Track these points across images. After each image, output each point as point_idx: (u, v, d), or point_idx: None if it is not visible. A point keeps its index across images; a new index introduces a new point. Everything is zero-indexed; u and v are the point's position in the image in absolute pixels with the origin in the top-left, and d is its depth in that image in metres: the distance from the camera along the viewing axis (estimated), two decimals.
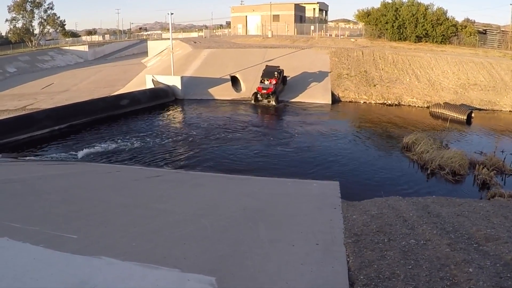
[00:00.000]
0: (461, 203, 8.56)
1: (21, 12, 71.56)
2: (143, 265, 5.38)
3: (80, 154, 16.07)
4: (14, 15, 71.62)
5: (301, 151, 16.87)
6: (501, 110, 26.54)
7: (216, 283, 4.98)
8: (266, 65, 29.11)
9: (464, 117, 23.38)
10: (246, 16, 71.78)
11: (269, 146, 17.56)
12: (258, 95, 26.96)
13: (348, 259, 5.61)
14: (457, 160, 14.25)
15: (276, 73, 27.25)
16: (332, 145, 17.82)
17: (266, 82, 26.74)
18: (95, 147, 16.85)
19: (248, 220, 7.37)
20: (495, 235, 6.30)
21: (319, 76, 30.56)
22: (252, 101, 27.24)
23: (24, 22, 72.97)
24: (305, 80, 30.19)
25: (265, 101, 26.98)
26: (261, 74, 27.69)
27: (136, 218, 7.59)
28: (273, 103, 26.71)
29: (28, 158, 15.82)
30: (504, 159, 14.97)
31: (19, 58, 56.32)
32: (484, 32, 46.98)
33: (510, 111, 26.45)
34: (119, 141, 17.87)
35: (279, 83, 27.91)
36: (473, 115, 24.10)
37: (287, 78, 29.97)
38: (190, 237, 6.50)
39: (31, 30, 74.33)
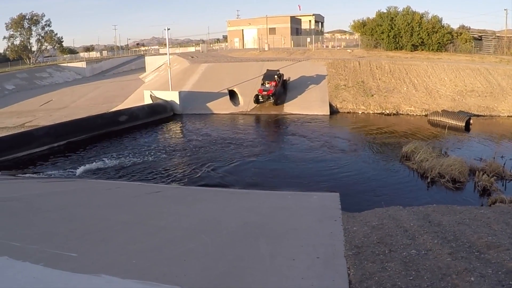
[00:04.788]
0: (462, 211, 8.52)
1: (19, 29, 72.37)
2: (143, 282, 5.31)
3: (79, 170, 16.06)
4: (12, 32, 72.53)
5: (301, 163, 16.87)
6: (499, 116, 26.64)
7: None
8: (267, 69, 30.52)
9: (462, 124, 23.44)
10: (243, 29, 72.30)
11: (269, 159, 17.57)
12: (259, 96, 28.29)
13: (349, 271, 5.56)
14: (457, 168, 14.25)
15: (276, 76, 28.83)
16: (331, 156, 17.82)
17: (267, 85, 28.20)
18: (94, 164, 16.85)
19: (248, 235, 7.33)
20: (497, 243, 6.26)
21: (317, 88, 30.73)
22: (254, 102, 28.78)
23: (22, 39, 73.76)
24: (303, 91, 30.36)
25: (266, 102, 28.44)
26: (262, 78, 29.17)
27: (136, 235, 7.54)
28: (272, 101, 28.22)
29: (27, 175, 15.82)
30: (504, 164, 14.98)
31: (17, 75, 56.43)
32: (479, 38, 47.25)
33: (508, 116, 26.54)
34: (118, 157, 17.87)
35: (279, 86, 29.16)
36: (471, 121, 24.19)
37: (287, 82, 31.22)
38: (191, 254, 6.45)
39: (29, 47, 75.01)
